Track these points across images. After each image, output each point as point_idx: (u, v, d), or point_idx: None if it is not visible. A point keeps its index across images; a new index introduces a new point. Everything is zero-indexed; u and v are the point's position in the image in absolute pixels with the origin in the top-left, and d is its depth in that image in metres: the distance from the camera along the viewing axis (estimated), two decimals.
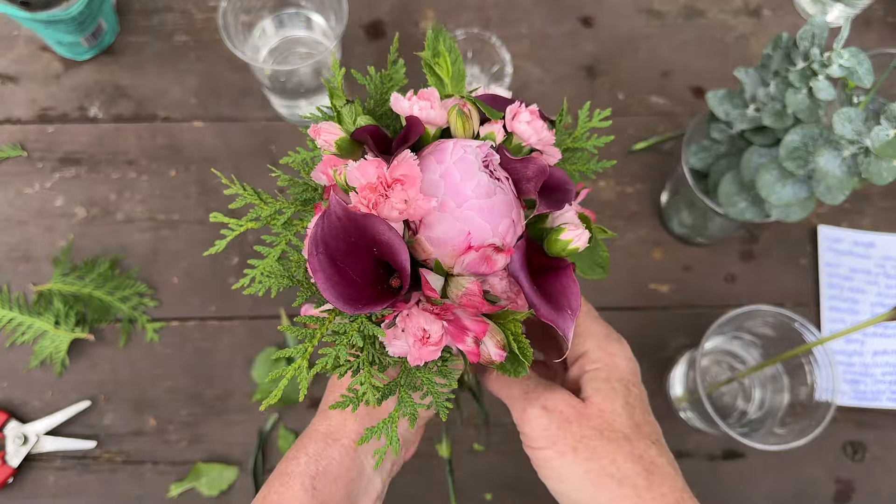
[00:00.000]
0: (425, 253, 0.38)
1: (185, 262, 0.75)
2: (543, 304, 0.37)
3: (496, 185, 0.37)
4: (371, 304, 0.35)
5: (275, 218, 0.43)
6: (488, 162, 0.38)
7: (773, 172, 0.58)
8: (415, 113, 0.39)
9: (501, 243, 0.36)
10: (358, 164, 0.37)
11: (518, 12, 0.82)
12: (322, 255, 0.35)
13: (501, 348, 0.37)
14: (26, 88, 0.78)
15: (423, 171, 0.37)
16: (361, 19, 0.81)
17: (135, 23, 0.80)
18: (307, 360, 0.39)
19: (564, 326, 0.37)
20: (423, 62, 0.41)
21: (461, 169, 0.37)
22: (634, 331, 0.75)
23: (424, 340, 0.36)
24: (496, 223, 0.37)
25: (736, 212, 0.62)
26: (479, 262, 0.36)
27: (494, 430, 0.73)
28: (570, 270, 0.39)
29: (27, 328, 0.72)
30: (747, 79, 0.61)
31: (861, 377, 0.74)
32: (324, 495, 0.42)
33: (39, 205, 0.76)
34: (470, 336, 0.36)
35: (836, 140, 0.54)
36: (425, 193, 0.36)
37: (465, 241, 0.36)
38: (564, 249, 0.38)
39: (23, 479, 0.70)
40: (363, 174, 0.36)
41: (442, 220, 0.36)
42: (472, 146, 0.38)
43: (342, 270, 0.35)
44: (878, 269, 0.76)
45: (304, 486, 0.42)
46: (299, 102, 0.74)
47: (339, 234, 0.35)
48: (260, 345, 0.74)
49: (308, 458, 0.43)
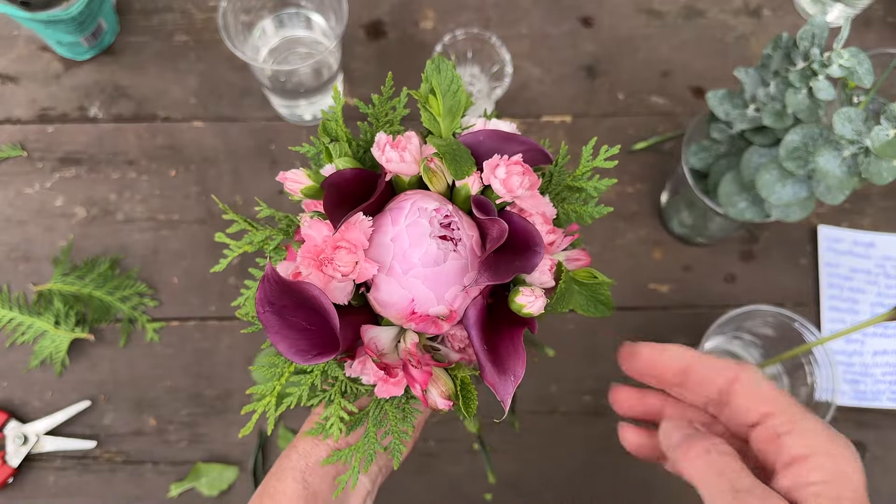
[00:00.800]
0: (376, 309, 0.39)
1: (185, 262, 0.75)
2: (489, 364, 0.37)
3: (448, 250, 0.37)
4: (321, 356, 0.36)
5: (266, 243, 0.44)
6: (448, 223, 0.37)
7: (773, 172, 0.58)
8: (384, 165, 0.39)
9: (447, 311, 0.37)
10: (310, 223, 0.38)
11: (518, 12, 0.82)
12: (269, 313, 0.36)
13: (447, 398, 0.38)
14: (26, 88, 0.78)
15: (377, 228, 0.37)
16: (361, 19, 0.81)
17: (135, 23, 0.80)
18: (275, 398, 0.41)
19: (504, 393, 0.36)
20: (418, 101, 0.41)
21: (412, 234, 0.37)
22: (634, 331, 0.75)
23: (385, 379, 0.37)
24: (442, 291, 0.37)
25: (736, 212, 0.62)
26: (425, 325, 0.37)
27: (494, 429, 0.73)
28: (521, 333, 0.38)
29: (27, 328, 0.72)
30: (747, 79, 0.61)
31: (861, 377, 0.74)
32: (314, 487, 0.45)
33: (39, 205, 0.76)
34: (416, 385, 0.37)
35: (836, 140, 0.54)
36: (373, 257, 0.37)
37: (409, 306, 0.37)
38: (520, 311, 0.38)
39: (23, 479, 0.70)
40: (315, 231, 0.37)
41: (388, 284, 0.37)
42: (429, 209, 0.37)
43: (293, 322, 0.36)
44: (878, 269, 0.76)
45: (296, 479, 0.45)
46: (299, 102, 0.75)
47: (281, 294, 0.36)
48: (260, 345, 0.74)
49: (298, 455, 0.46)
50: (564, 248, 0.42)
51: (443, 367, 0.39)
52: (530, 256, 0.36)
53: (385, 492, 0.71)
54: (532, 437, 0.73)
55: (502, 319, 0.39)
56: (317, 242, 0.37)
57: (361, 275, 0.37)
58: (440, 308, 0.37)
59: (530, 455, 0.72)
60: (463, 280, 0.37)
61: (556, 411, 0.73)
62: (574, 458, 0.73)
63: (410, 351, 0.37)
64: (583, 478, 0.72)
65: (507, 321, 0.38)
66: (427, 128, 0.41)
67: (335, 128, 0.42)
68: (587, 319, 0.75)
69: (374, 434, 0.43)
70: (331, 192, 0.37)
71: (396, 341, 0.39)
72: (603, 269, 0.75)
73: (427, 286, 0.37)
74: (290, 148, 0.60)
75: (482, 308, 0.38)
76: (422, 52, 0.80)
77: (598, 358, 0.75)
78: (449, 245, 0.37)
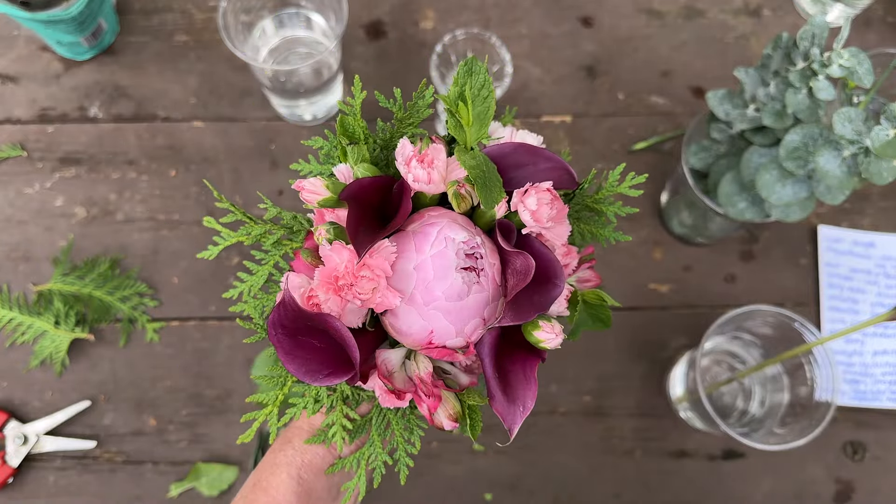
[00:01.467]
0: (391, 334, 0.38)
1: (185, 262, 0.75)
2: (499, 393, 0.36)
3: (472, 282, 0.36)
4: (332, 377, 0.35)
5: (265, 237, 0.43)
6: (473, 253, 0.36)
7: (773, 172, 0.58)
8: (410, 183, 0.37)
9: (464, 344, 0.36)
10: (332, 246, 0.36)
11: (518, 12, 0.82)
12: (281, 335, 0.35)
13: (453, 420, 0.38)
14: (26, 88, 0.78)
15: (400, 252, 0.36)
16: (361, 19, 0.81)
17: (135, 23, 0.80)
18: (277, 408, 0.41)
19: (512, 422, 0.36)
20: (445, 106, 0.38)
21: (437, 265, 0.35)
22: (634, 331, 0.75)
23: (389, 394, 0.37)
24: (462, 325, 0.36)
25: (736, 212, 0.62)
26: (441, 355, 0.36)
27: (493, 430, 0.73)
28: (536, 364, 0.37)
29: (27, 328, 0.72)
30: (747, 79, 0.61)
31: (861, 377, 0.74)
32: (308, 485, 0.45)
33: (39, 205, 0.76)
34: (424, 405, 0.37)
35: (836, 140, 0.54)
36: (395, 284, 0.35)
37: (427, 338, 0.36)
38: (537, 345, 0.37)
39: (23, 480, 0.70)
40: (336, 254, 0.35)
41: (408, 313, 0.36)
42: (457, 240, 0.36)
43: (304, 343, 0.36)
44: (878, 269, 0.76)
45: (291, 475, 0.45)
46: (299, 102, 0.75)
47: (296, 318, 0.35)
48: (260, 345, 0.74)
49: (294, 451, 0.46)
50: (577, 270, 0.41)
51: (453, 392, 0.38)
52: (550, 289, 0.35)
53: (386, 492, 0.71)
54: (532, 438, 0.73)
55: (516, 347, 0.38)
56: (337, 267, 0.35)
57: (382, 304, 0.35)
58: (458, 340, 0.36)
59: (530, 455, 0.72)
60: (483, 313, 0.36)
61: (555, 411, 0.73)
62: (574, 458, 0.73)
63: (424, 380, 0.36)
64: (582, 478, 0.72)
65: (521, 349, 0.37)
66: (451, 134, 0.39)
67: (353, 125, 0.39)
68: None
69: (379, 443, 0.42)
70: (353, 209, 0.35)
71: (405, 359, 0.38)
72: (603, 269, 0.75)
73: (448, 320, 0.36)
74: (301, 142, 0.58)
75: (496, 336, 0.37)
76: (421, 51, 0.80)
77: (598, 359, 0.75)
78: (473, 277, 0.35)
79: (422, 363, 0.37)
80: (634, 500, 0.72)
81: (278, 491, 0.44)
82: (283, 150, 0.77)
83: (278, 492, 0.44)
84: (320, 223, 0.38)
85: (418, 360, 0.37)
